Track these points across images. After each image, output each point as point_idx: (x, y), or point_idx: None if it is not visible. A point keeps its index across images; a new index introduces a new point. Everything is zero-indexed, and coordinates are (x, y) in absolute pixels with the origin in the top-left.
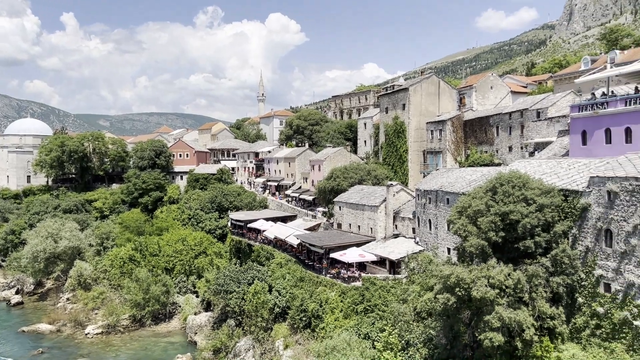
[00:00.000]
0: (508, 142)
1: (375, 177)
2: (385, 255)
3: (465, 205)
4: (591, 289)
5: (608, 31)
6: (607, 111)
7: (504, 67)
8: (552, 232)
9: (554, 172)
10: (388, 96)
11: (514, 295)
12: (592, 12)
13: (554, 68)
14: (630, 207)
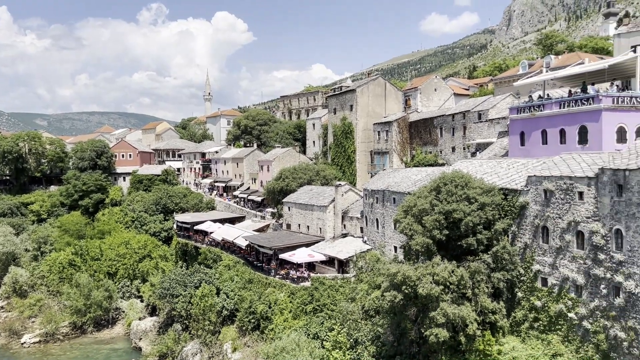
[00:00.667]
0: (451, 143)
1: (324, 178)
2: (334, 254)
3: (410, 204)
4: (529, 284)
5: (544, 37)
6: (543, 113)
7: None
8: (493, 229)
9: (495, 172)
10: (336, 97)
11: (458, 292)
12: (529, 18)
13: (494, 71)
14: (564, 204)
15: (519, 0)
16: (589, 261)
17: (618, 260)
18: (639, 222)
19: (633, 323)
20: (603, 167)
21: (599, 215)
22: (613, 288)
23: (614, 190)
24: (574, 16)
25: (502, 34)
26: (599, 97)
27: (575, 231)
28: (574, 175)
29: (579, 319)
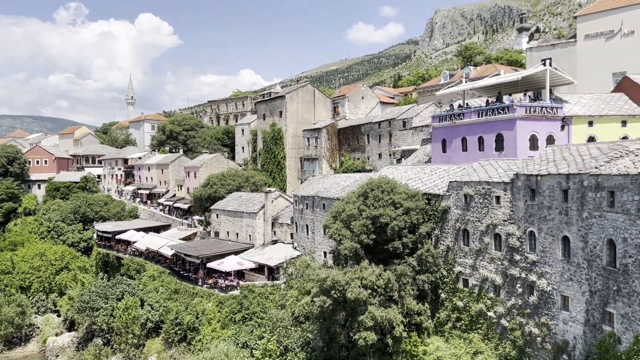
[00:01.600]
0: (378, 150)
1: (254, 184)
2: (264, 261)
3: (339, 210)
4: (452, 285)
5: (463, 49)
6: (463, 122)
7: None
8: (417, 233)
9: (419, 178)
10: (265, 103)
11: (385, 295)
12: (450, 30)
13: (418, 81)
14: (483, 208)
15: (440, 13)
16: (506, 262)
17: (532, 261)
18: (549, 225)
19: (545, 319)
20: (518, 173)
21: (514, 218)
22: (527, 287)
23: (528, 195)
24: (491, 30)
25: (425, 45)
26: (513, 106)
27: (493, 234)
28: (492, 181)
29: (497, 318)
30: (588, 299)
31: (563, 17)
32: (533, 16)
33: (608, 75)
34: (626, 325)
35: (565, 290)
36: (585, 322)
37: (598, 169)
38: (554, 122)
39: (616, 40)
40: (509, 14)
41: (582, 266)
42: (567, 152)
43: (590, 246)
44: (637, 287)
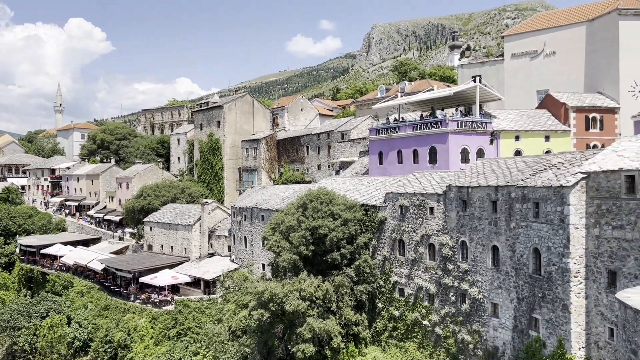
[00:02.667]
0: (317, 161)
1: (190, 195)
2: (200, 275)
3: (278, 221)
4: (389, 295)
5: (399, 64)
6: (399, 135)
7: (312, 90)
8: (355, 244)
9: (357, 189)
10: (203, 113)
11: (323, 306)
12: (387, 45)
13: (356, 94)
14: (417, 219)
15: (377, 29)
16: (439, 271)
17: (464, 270)
18: (480, 234)
19: (477, 326)
20: (450, 185)
21: (447, 229)
22: (460, 295)
23: (460, 206)
24: (425, 46)
25: (363, 59)
26: (446, 121)
27: (427, 243)
28: (426, 192)
29: (432, 326)
30: (516, 306)
31: (492, 37)
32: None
33: (532, 93)
34: (550, 330)
35: (495, 298)
36: (513, 328)
37: (524, 182)
38: (484, 136)
39: (539, 59)
40: (442, 31)
41: (510, 274)
42: (495, 165)
43: (517, 255)
44: (560, 294)
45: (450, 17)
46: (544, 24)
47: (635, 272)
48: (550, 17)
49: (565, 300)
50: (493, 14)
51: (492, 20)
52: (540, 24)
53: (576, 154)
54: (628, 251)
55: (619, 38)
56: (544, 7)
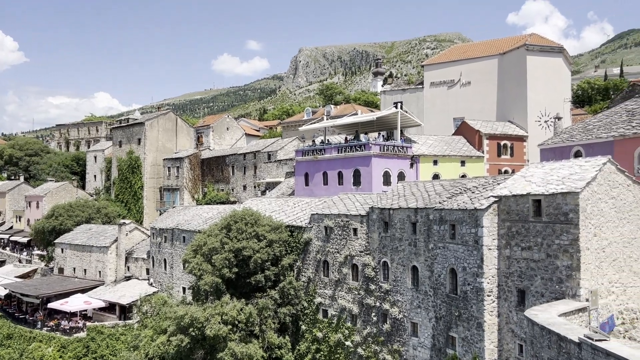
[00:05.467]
0: (243, 181)
1: (106, 215)
2: (115, 300)
3: (200, 243)
4: (312, 316)
5: (325, 88)
6: (324, 157)
7: (239, 110)
8: (280, 265)
9: (282, 210)
10: (122, 129)
11: (246, 329)
12: (313, 69)
13: (283, 115)
14: (342, 240)
15: (304, 52)
16: (362, 291)
17: (385, 290)
18: (400, 255)
19: (397, 346)
20: (373, 207)
21: (369, 249)
22: (381, 315)
23: (382, 227)
24: (350, 72)
25: (290, 81)
26: (369, 145)
27: (351, 264)
28: (350, 214)
29: (354, 347)
30: (434, 325)
31: (413, 65)
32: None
33: (450, 119)
34: (466, 347)
35: (414, 317)
36: (432, 347)
37: (441, 204)
38: (405, 160)
39: (456, 88)
40: (366, 58)
41: (429, 294)
42: (415, 187)
43: (435, 275)
44: (475, 312)
45: (374, 44)
46: (460, 55)
47: (541, 290)
48: (466, 49)
49: (480, 319)
50: (414, 43)
51: (413, 49)
52: (457, 55)
53: (489, 179)
54: (535, 271)
55: (526, 72)
56: (461, 40)
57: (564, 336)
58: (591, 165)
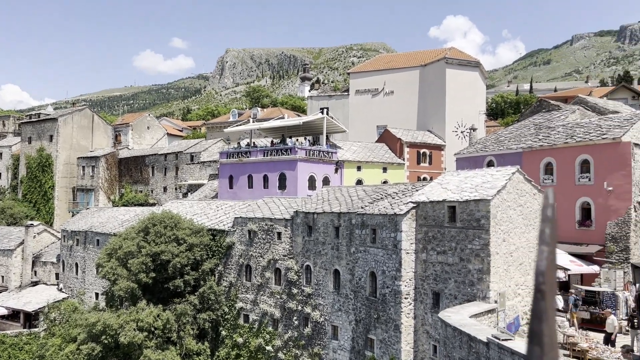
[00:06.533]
0: (163, 183)
1: (12, 216)
2: (20, 307)
3: (115, 246)
4: (233, 322)
5: (252, 90)
6: (250, 160)
7: (161, 109)
8: (200, 270)
9: (204, 213)
10: (33, 125)
11: (163, 336)
12: (240, 71)
13: (207, 116)
14: (265, 244)
15: (231, 53)
16: (284, 295)
17: (307, 293)
18: (323, 259)
19: (318, 349)
20: (297, 211)
21: (293, 253)
22: (303, 319)
23: (305, 231)
24: (278, 75)
25: (216, 82)
26: (295, 149)
27: (274, 268)
28: (274, 218)
29: (275, 351)
30: (354, 328)
31: (339, 72)
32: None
33: (373, 127)
34: (384, 349)
35: (335, 321)
36: (351, 349)
37: (363, 209)
38: (330, 165)
39: (380, 97)
40: (294, 62)
41: (350, 297)
42: (339, 192)
43: (356, 278)
44: (393, 315)
45: (302, 49)
46: (384, 65)
47: (455, 293)
48: (390, 59)
49: (397, 321)
50: (341, 50)
51: (340, 56)
52: (382, 65)
53: (408, 185)
54: (449, 274)
55: (445, 84)
56: (386, 50)
57: (473, 336)
58: (502, 174)
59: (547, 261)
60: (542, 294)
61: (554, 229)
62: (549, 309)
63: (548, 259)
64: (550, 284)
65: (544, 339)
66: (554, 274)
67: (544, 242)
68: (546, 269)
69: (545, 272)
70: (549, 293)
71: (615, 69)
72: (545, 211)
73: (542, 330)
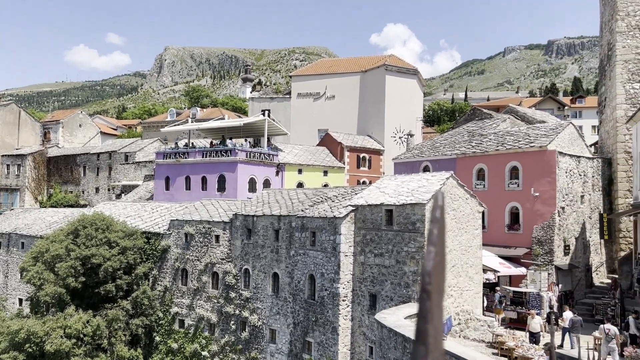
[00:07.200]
0: (95, 183)
1: None
2: None
3: (42, 249)
4: (168, 327)
5: (191, 89)
6: (188, 161)
7: (95, 106)
8: (134, 274)
9: (139, 215)
10: None
11: (93, 343)
12: (179, 69)
13: (144, 115)
14: (203, 247)
15: (170, 51)
16: (222, 300)
17: (245, 297)
18: (262, 262)
19: (255, 353)
20: (236, 213)
21: (231, 257)
22: (240, 323)
23: (245, 234)
24: (219, 75)
25: (154, 80)
26: (235, 150)
27: (211, 272)
28: (212, 220)
29: (211, 356)
30: (292, 331)
31: (282, 75)
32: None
33: (314, 130)
34: (321, 352)
35: (273, 324)
36: (289, 353)
37: (304, 212)
38: (271, 167)
39: (322, 101)
40: (236, 63)
41: (288, 300)
42: (280, 195)
43: (295, 281)
44: (331, 317)
45: (244, 50)
46: (326, 69)
47: (391, 294)
48: (332, 64)
49: (335, 323)
50: (284, 53)
51: (283, 59)
52: (324, 69)
53: (348, 189)
54: (386, 276)
55: (385, 90)
56: (328, 54)
57: (408, 337)
58: (437, 179)
59: (433, 262)
60: (428, 294)
61: (442, 230)
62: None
63: (435, 259)
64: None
65: (428, 339)
66: (442, 275)
67: (432, 243)
68: (432, 269)
69: (431, 272)
70: (435, 293)
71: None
72: (434, 213)
73: (427, 329)
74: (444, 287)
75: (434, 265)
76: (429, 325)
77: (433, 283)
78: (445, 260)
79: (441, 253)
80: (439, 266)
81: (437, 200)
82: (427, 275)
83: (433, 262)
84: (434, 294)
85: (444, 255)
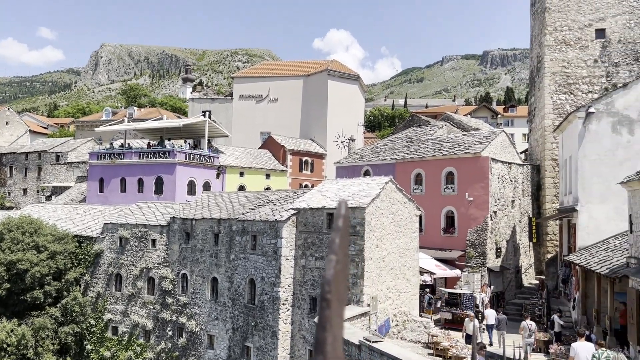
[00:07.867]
0: (23, 184)
1: None
2: None
3: None
4: (100, 334)
5: (128, 88)
6: (124, 162)
7: (24, 103)
8: (64, 280)
9: (70, 218)
10: None
11: (17, 353)
12: (116, 67)
13: (77, 114)
14: (138, 252)
15: (106, 48)
16: (158, 306)
17: (183, 303)
18: (201, 267)
19: None
20: (174, 217)
21: (169, 261)
22: (177, 329)
23: (183, 238)
24: (158, 74)
25: (88, 77)
26: (174, 152)
27: (147, 277)
28: (149, 224)
29: None
30: (231, 336)
31: (224, 76)
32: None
33: (257, 133)
34: (260, 356)
35: (212, 330)
36: (227, 359)
37: (245, 215)
38: (211, 170)
39: (264, 103)
40: (176, 62)
41: (228, 305)
42: (220, 198)
43: (235, 286)
44: (271, 321)
45: (185, 50)
46: (269, 72)
47: None
48: (275, 66)
49: (275, 327)
50: (226, 54)
51: (225, 60)
52: (267, 71)
53: (290, 192)
54: None
55: (327, 95)
56: (271, 57)
57: (346, 340)
58: (376, 183)
59: (334, 270)
60: (328, 302)
61: (345, 239)
62: (334, 318)
63: (335, 268)
64: (336, 293)
65: (327, 348)
66: (342, 284)
67: (333, 251)
68: (332, 278)
69: (331, 281)
70: (335, 302)
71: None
72: (336, 221)
73: (325, 338)
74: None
75: (335, 274)
76: (327, 334)
77: (333, 292)
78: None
79: (343, 262)
80: (340, 275)
81: (339, 209)
82: (327, 284)
83: (334, 270)
84: (334, 302)
85: (345, 264)
